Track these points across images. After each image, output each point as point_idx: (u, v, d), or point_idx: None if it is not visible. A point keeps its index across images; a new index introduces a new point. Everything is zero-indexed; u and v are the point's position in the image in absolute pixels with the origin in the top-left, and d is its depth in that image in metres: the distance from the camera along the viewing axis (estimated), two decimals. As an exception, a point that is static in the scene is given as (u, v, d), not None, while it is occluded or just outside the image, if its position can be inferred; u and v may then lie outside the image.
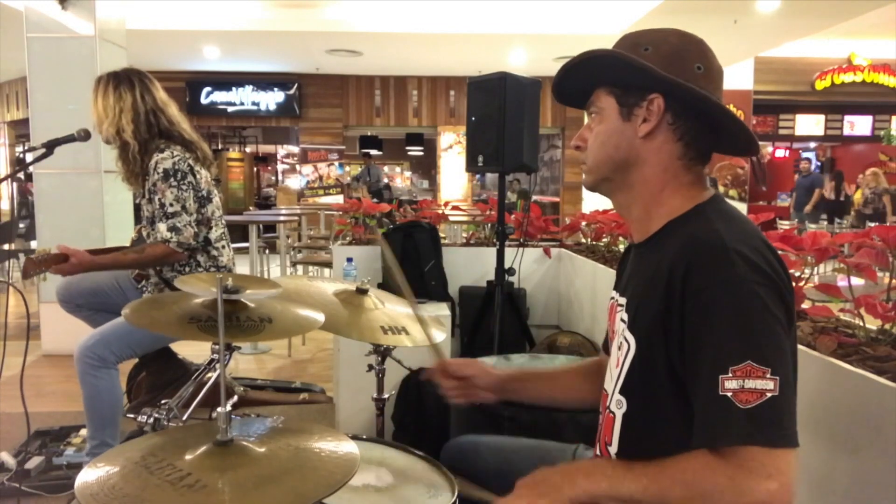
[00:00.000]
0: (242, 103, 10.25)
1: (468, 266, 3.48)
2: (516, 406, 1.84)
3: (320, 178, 10.75)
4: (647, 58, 1.01)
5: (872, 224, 7.84)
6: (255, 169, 14.44)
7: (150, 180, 2.33)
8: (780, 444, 0.86)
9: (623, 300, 1.10)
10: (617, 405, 1.05)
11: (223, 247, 2.49)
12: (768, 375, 0.86)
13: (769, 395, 0.86)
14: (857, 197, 9.60)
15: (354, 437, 1.23)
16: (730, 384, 0.87)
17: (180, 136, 2.42)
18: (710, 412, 0.89)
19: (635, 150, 1.05)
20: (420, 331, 1.70)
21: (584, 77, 1.09)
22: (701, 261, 0.93)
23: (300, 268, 5.39)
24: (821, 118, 11.78)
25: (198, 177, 2.38)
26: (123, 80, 2.39)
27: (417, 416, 2.65)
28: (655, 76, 1.00)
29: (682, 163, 1.06)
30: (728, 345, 0.89)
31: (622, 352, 1.04)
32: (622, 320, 1.07)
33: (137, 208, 2.70)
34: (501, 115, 2.75)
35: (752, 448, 0.86)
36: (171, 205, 2.30)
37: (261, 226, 5.90)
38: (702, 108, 1.03)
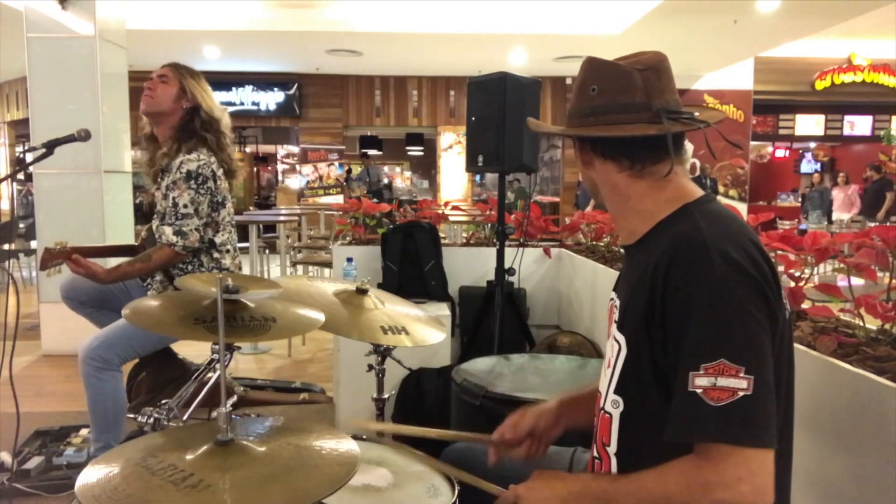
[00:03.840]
0: (242, 103, 10.25)
1: (468, 266, 3.48)
2: (517, 407, 1.84)
3: (320, 178, 10.76)
4: (571, 99, 1.16)
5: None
6: (255, 169, 14.44)
7: (171, 177, 2.34)
8: (750, 444, 0.86)
9: (618, 301, 1.11)
10: (613, 405, 1.06)
11: (227, 251, 2.49)
12: (741, 374, 0.87)
13: (741, 394, 0.86)
14: None
15: (354, 437, 1.23)
16: (700, 381, 0.88)
17: (222, 143, 2.47)
18: (680, 408, 0.90)
19: (588, 177, 1.16)
20: (419, 330, 1.71)
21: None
22: (681, 260, 0.94)
23: (300, 268, 5.39)
24: (821, 118, 11.78)
25: (218, 182, 2.40)
26: (196, 74, 2.53)
27: (417, 416, 2.65)
28: (551, 132, 1.20)
29: (625, 175, 1.08)
30: (702, 343, 0.89)
31: (613, 352, 1.05)
32: (615, 321, 1.08)
33: (138, 208, 2.70)
34: (501, 115, 2.75)
35: (723, 447, 0.86)
36: (185, 206, 2.31)
37: (261, 226, 5.90)
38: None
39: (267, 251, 6.10)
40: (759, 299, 0.91)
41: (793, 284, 1.63)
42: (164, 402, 1.51)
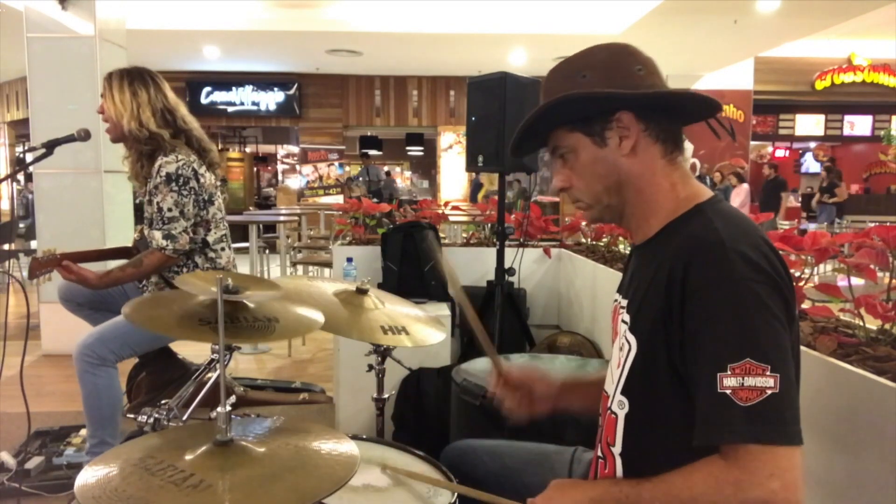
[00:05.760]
0: (242, 103, 10.26)
1: (468, 266, 3.48)
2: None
3: (320, 178, 10.76)
4: (587, 82, 1.04)
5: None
6: (255, 169, 14.44)
7: (152, 182, 2.33)
8: (781, 442, 0.86)
9: (625, 302, 1.10)
10: (619, 406, 1.05)
11: (222, 249, 2.48)
12: (768, 373, 0.86)
13: (769, 392, 0.86)
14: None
15: (354, 437, 1.23)
16: (729, 382, 0.87)
17: (190, 137, 2.42)
18: (709, 410, 0.89)
19: (624, 168, 1.06)
20: (419, 330, 1.71)
21: (538, 127, 1.11)
22: (700, 260, 0.94)
23: (300, 268, 5.39)
24: (821, 118, 11.79)
25: (201, 181, 2.37)
26: (136, 77, 2.38)
27: (417, 416, 2.65)
28: (623, 98, 1.02)
29: (665, 161, 1.07)
30: (727, 343, 0.89)
31: (623, 353, 1.05)
32: (623, 322, 1.07)
33: (138, 208, 2.70)
34: (501, 115, 2.75)
35: (753, 447, 0.86)
36: (170, 209, 2.29)
37: (261, 226, 5.90)
38: (665, 104, 1.06)
39: (267, 251, 6.10)
40: (777, 298, 0.91)
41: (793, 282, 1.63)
42: (163, 402, 1.51)
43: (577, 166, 1.09)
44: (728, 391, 0.87)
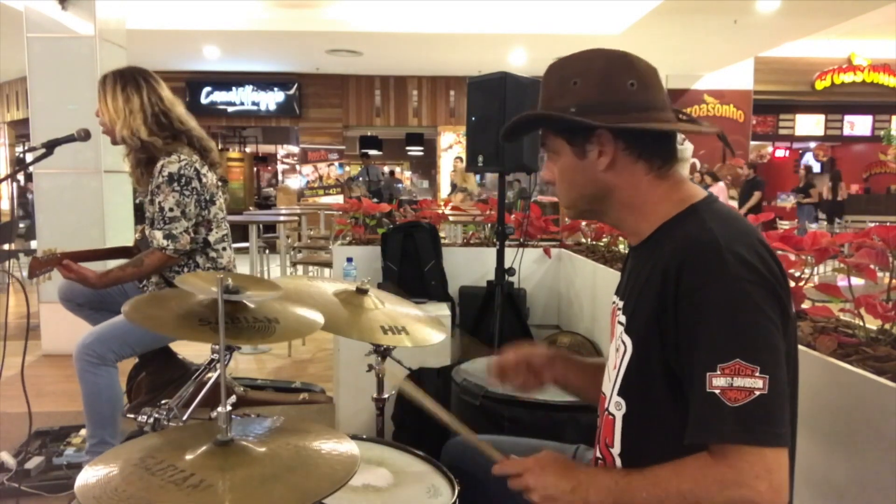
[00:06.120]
0: (242, 103, 10.26)
1: (468, 266, 3.48)
2: (517, 406, 1.84)
3: (320, 178, 10.76)
4: (577, 90, 1.04)
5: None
6: (255, 169, 14.44)
7: (154, 182, 2.32)
8: (768, 444, 0.86)
9: (621, 303, 1.10)
10: (616, 407, 1.06)
11: (223, 249, 2.48)
12: (757, 374, 0.87)
13: (758, 393, 0.86)
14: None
15: (354, 437, 1.23)
16: (718, 381, 0.88)
17: (190, 137, 2.41)
18: (699, 409, 0.90)
19: (602, 182, 1.07)
20: (419, 330, 1.71)
21: (529, 124, 1.14)
22: (694, 260, 0.94)
23: (300, 268, 5.39)
24: (821, 118, 11.79)
25: (203, 180, 2.36)
26: (129, 81, 2.35)
27: (417, 416, 2.64)
28: (593, 126, 1.02)
29: (651, 176, 1.06)
30: (718, 343, 0.89)
31: (619, 354, 1.05)
32: (620, 323, 1.07)
33: (138, 208, 2.70)
34: (501, 115, 2.75)
35: (741, 447, 0.87)
36: (171, 209, 2.29)
37: (261, 226, 5.90)
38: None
39: (267, 251, 6.10)
40: (772, 299, 0.91)
41: (793, 284, 1.63)
42: (163, 402, 1.51)
43: (559, 169, 1.12)
44: (717, 391, 0.87)
